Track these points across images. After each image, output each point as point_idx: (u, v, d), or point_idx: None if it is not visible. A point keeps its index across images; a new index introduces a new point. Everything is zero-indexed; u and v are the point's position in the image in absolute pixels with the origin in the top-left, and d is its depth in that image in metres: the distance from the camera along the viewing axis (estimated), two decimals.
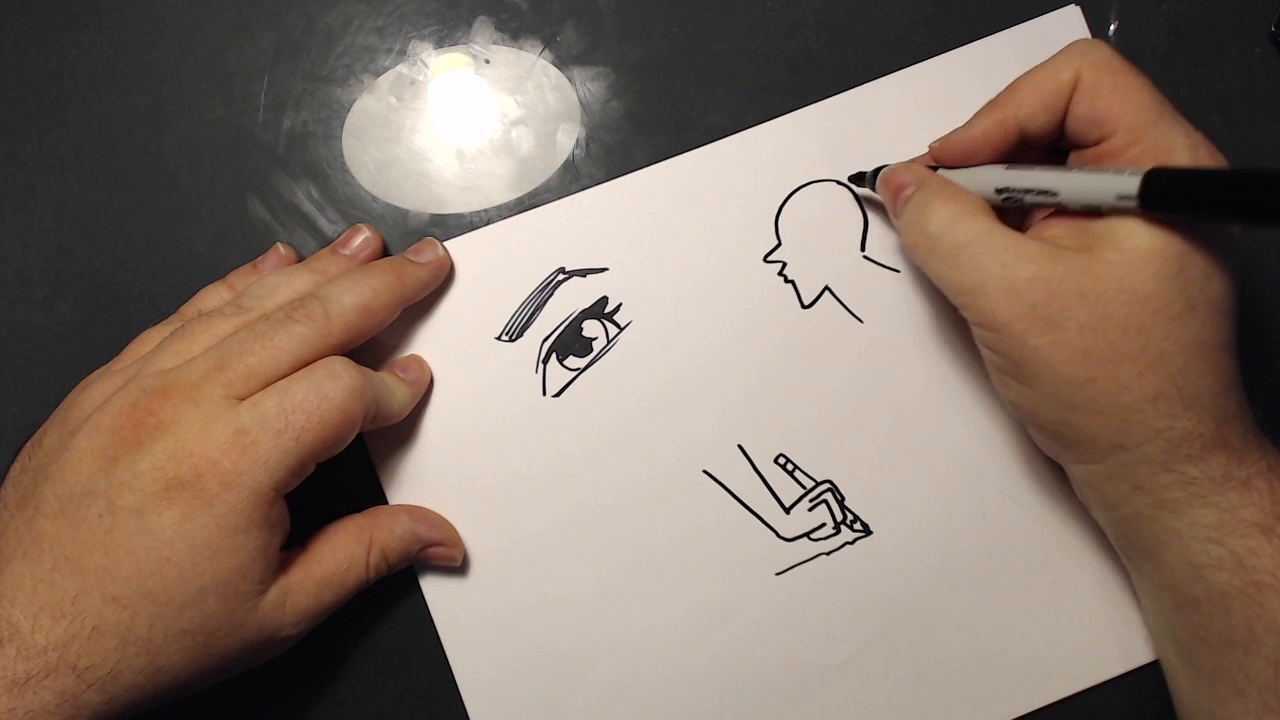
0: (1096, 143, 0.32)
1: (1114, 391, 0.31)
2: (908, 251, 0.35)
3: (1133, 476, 0.32)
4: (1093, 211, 0.31)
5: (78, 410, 0.34)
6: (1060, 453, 0.34)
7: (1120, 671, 0.39)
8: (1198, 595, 0.32)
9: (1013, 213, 0.34)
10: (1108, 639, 0.39)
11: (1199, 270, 0.30)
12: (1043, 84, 0.33)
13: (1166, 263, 0.30)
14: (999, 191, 0.33)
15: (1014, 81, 0.34)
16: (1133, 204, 0.30)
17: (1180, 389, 0.31)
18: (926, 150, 0.36)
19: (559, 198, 0.40)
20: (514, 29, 0.40)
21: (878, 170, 0.38)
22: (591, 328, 0.39)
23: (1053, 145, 0.34)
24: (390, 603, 0.39)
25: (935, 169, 0.36)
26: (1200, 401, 0.31)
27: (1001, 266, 0.31)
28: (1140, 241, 0.30)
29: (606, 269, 0.39)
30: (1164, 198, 0.29)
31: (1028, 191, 0.32)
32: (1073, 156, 0.34)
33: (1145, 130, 0.31)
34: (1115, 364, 0.30)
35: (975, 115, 0.34)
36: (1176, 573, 0.33)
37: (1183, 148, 0.31)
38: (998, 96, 0.34)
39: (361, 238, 0.38)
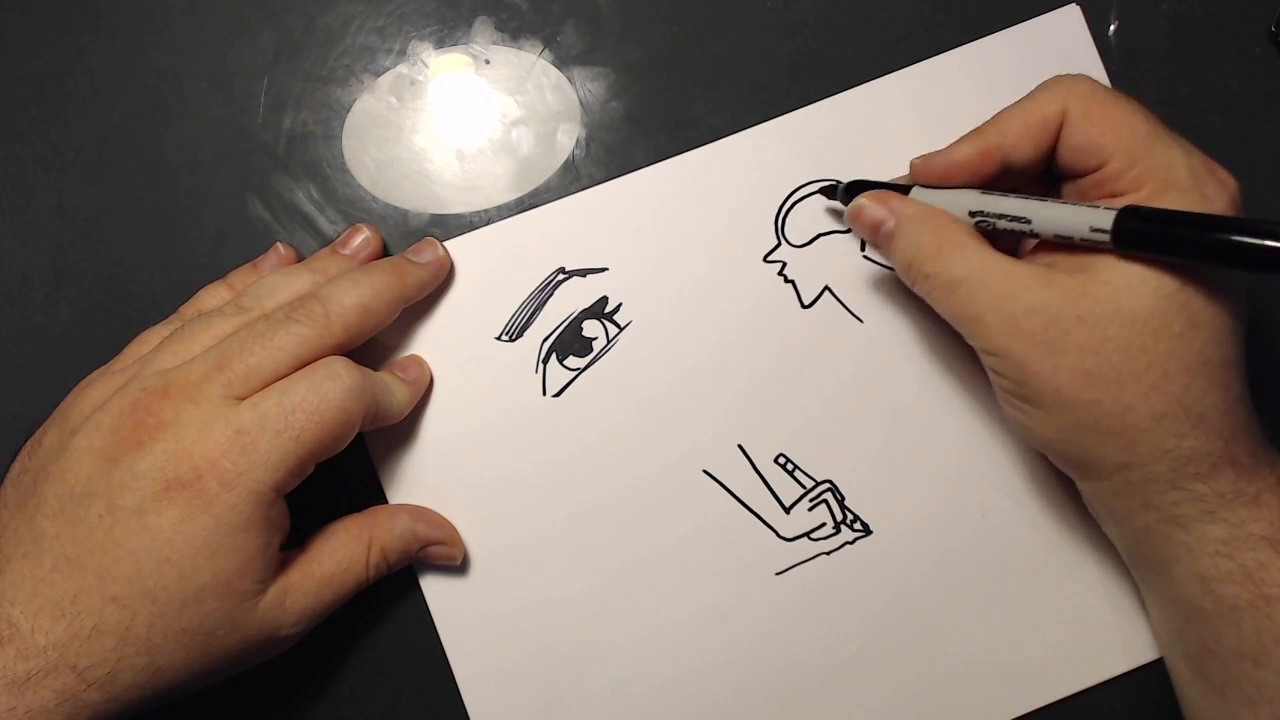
0: (1093, 170, 0.32)
1: (1119, 412, 0.31)
2: (904, 282, 0.35)
3: (1140, 493, 0.32)
4: (1066, 243, 0.31)
5: (77, 410, 0.34)
6: (1069, 470, 0.34)
7: (1120, 671, 0.39)
8: (1207, 608, 0.32)
9: (1004, 235, 0.34)
10: (1107, 639, 0.39)
11: (1201, 287, 0.30)
12: (1028, 116, 0.33)
13: (1163, 281, 0.30)
14: (972, 215, 0.33)
15: (998, 114, 0.34)
16: (1105, 239, 0.30)
17: (1186, 408, 0.30)
18: (907, 167, 0.36)
19: (559, 198, 0.40)
20: (514, 29, 0.40)
21: (851, 184, 0.37)
22: (591, 328, 0.39)
23: (1037, 175, 0.34)
24: (390, 603, 0.39)
25: (908, 189, 0.35)
26: (1207, 420, 0.30)
27: (999, 298, 0.31)
28: (1136, 260, 0.30)
29: (606, 269, 0.39)
30: (1136, 236, 0.29)
31: (1001, 217, 0.33)
32: (1067, 186, 0.34)
33: (1142, 153, 0.31)
34: (1119, 385, 0.30)
35: (959, 140, 0.34)
36: (1186, 586, 0.33)
37: (1181, 166, 0.31)
38: (982, 125, 0.34)
39: (361, 237, 0.38)
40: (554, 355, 0.39)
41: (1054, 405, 0.31)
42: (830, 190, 0.39)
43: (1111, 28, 0.40)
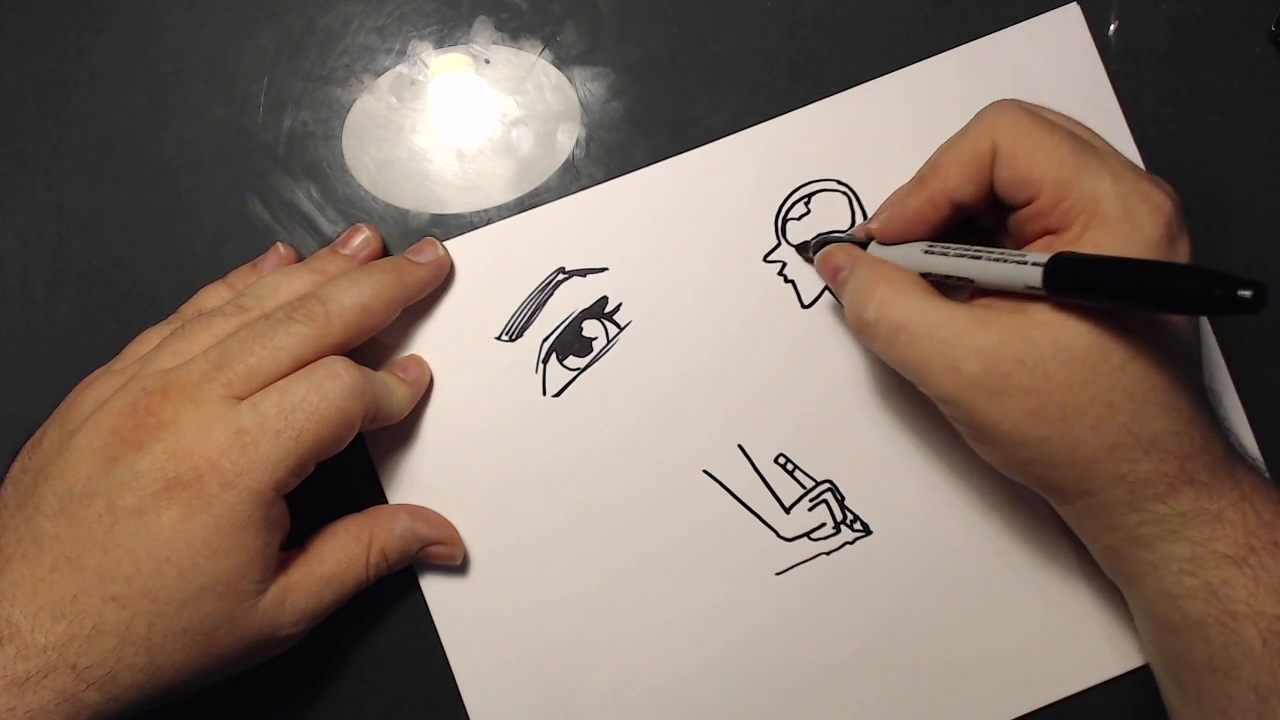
0: (1026, 204, 0.32)
1: (1070, 446, 0.31)
2: (853, 334, 0.36)
3: (1104, 516, 0.32)
4: (1011, 292, 0.31)
5: (78, 410, 0.34)
6: (1040, 494, 0.34)
7: (1119, 673, 0.39)
8: (1177, 622, 0.32)
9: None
10: (1107, 640, 0.39)
11: (1137, 317, 0.30)
12: (962, 156, 0.33)
13: (1098, 315, 0.30)
14: (924, 274, 0.33)
15: (936, 154, 0.34)
16: (1041, 292, 0.30)
17: (1136, 435, 0.30)
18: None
19: (559, 198, 0.40)
20: (514, 29, 0.40)
21: (818, 238, 0.38)
22: (591, 328, 0.39)
23: (991, 205, 0.34)
24: (390, 603, 0.39)
25: (867, 243, 0.36)
26: (1159, 443, 0.31)
27: (939, 345, 0.31)
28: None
29: (606, 269, 0.39)
30: (1069, 290, 0.29)
31: (948, 278, 0.33)
32: (1010, 218, 0.34)
33: (1069, 185, 0.31)
34: (1065, 421, 0.30)
35: (906, 193, 0.34)
36: (1156, 602, 0.33)
37: (1109, 196, 0.31)
38: (924, 171, 0.34)
39: (361, 237, 0.38)
40: (554, 355, 0.39)
41: (1007, 445, 0.32)
42: (803, 247, 0.39)
43: (1111, 28, 0.40)
